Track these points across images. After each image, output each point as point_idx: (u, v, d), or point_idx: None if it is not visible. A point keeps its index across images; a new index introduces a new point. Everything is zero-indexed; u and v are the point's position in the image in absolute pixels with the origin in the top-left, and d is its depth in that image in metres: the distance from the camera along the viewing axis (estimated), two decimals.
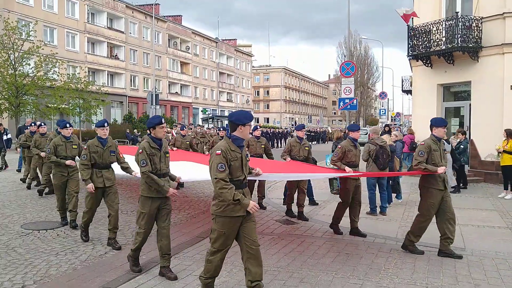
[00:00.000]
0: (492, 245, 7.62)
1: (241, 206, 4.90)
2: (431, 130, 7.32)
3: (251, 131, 11.19)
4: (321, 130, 60.31)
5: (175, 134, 21.43)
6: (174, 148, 13.16)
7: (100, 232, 8.38)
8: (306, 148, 10.11)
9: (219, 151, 4.93)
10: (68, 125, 8.84)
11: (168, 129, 22.72)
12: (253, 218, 5.15)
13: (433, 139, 7.22)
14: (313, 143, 48.01)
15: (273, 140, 43.80)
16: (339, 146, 8.45)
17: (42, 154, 11.92)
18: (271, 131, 47.65)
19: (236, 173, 5.02)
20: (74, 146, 8.97)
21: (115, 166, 7.97)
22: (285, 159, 9.94)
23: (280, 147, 42.10)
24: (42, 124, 13.03)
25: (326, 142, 52.82)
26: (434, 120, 7.42)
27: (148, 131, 6.15)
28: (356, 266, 6.52)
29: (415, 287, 5.69)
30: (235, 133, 5.09)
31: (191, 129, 21.34)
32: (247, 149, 10.77)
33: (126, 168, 7.81)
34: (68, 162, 8.69)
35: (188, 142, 13.90)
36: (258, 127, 11.81)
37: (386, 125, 16.85)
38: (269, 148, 11.31)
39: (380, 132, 11.28)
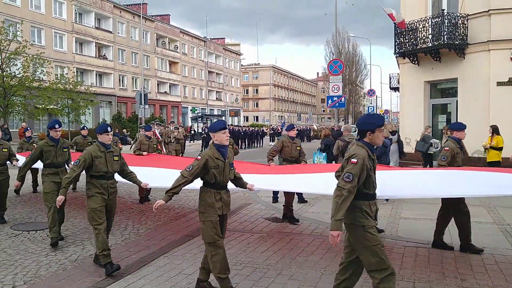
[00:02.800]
0: (479, 240, 7.70)
1: None
2: None
3: (284, 130, 10.22)
4: (305, 127, 58.95)
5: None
6: (144, 153, 11.32)
7: (89, 232, 8.37)
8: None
9: None
10: (109, 129, 6.50)
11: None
12: None
13: None
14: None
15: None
16: (447, 148, 7.29)
17: None
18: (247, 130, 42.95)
19: None
20: (115, 158, 6.55)
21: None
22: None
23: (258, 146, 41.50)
24: None
25: (311, 140, 52.15)
26: None
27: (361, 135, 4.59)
28: None
29: (402, 283, 5.76)
30: None
31: (178, 128, 20.59)
32: (279, 153, 9.78)
33: (238, 179, 5.93)
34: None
35: (155, 146, 11.99)
36: (294, 125, 10.60)
37: None
38: (303, 149, 10.11)
39: (352, 130, 11.71)
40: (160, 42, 62.51)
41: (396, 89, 38.39)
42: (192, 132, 46.55)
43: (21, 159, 9.90)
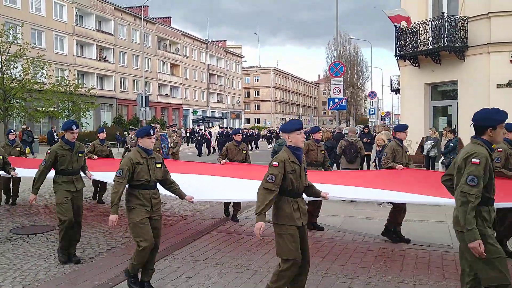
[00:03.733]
0: None
1: None
2: None
3: (309, 134, 9.38)
4: (304, 130, 57.06)
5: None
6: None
7: (89, 235, 8.38)
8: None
9: None
10: (152, 132, 5.65)
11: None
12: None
13: None
14: None
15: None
16: (500, 149, 6.90)
17: None
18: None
19: None
20: (158, 165, 5.77)
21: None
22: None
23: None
24: None
25: None
26: None
27: None
28: (345, 265, 6.58)
29: (403, 285, 5.76)
30: None
31: (176, 131, 19.85)
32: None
33: (311, 187, 5.31)
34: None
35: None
36: (320, 127, 10.06)
37: (366, 127, 17.21)
38: (326, 154, 9.62)
39: (356, 132, 12.48)
40: (161, 44, 62.60)
41: (397, 91, 38.36)
42: (188, 134, 45.87)
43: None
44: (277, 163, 4.67)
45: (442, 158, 14.69)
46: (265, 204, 4.57)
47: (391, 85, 41.34)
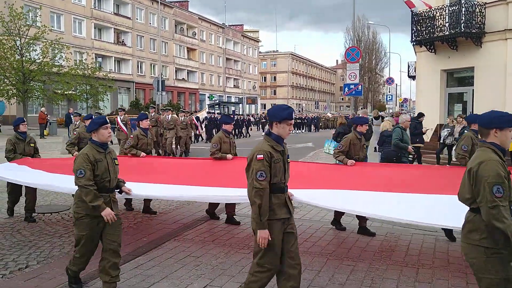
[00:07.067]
0: None
1: None
2: None
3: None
4: (312, 116, 53.60)
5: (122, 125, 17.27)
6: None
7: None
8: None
9: None
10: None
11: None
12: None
13: None
14: (298, 131, 43.47)
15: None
16: None
17: None
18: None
19: None
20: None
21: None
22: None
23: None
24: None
25: (319, 130, 49.22)
26: None
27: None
28: (351, 248, 6.68)
29: (406, 268, 5.85)
30: None
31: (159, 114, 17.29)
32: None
33: None
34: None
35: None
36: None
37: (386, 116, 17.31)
38: None
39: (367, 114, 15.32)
40: (178, 28, 62.67)
41: (414, 77, 38.06)
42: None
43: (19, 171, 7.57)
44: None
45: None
46: None
47: (408, 71, 41.03)
